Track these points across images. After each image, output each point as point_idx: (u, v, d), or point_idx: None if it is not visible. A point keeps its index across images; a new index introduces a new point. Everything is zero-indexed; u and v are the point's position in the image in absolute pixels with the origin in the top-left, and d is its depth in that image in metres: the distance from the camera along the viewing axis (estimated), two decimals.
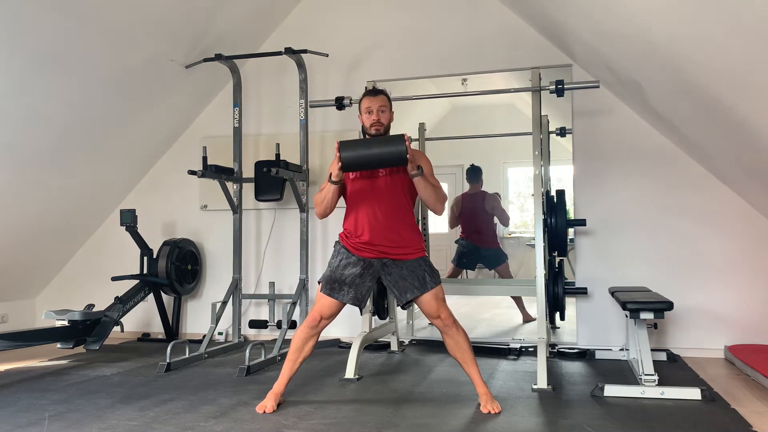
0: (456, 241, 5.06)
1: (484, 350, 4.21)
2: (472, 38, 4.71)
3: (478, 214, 4.97)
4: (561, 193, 4.20)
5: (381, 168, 2.91)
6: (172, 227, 5.32)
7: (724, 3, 2.29)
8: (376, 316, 4.34)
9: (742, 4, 2.21)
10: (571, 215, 4.42)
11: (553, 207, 4.10)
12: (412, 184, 2.92)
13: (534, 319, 4.85)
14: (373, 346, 4.44)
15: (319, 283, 3.02)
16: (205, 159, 4.39)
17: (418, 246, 3.00)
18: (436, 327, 2.97)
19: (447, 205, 3.11)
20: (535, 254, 3.77)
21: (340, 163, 2.78)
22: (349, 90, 4.74)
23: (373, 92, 3.07)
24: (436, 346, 4.51)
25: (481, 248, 5.10)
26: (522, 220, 5.02)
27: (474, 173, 4.96)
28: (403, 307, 3.07)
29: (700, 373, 3.66)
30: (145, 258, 4.88)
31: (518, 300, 5.19)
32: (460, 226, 5.14)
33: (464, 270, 5.21)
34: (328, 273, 3.00)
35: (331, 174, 2.88)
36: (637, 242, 4.36)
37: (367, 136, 3.04)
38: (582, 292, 4.29)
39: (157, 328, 5.15)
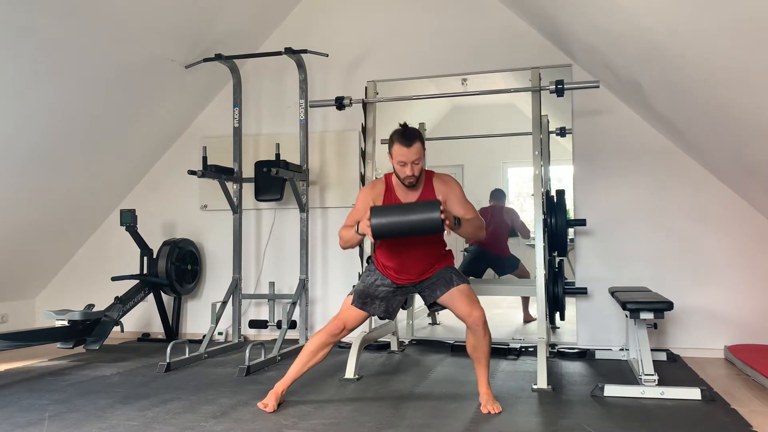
0: (466, 249, 5.05)
1: None
2: (472, 38, 4.71)
3: (495, 224, 4.98)
4: (561, 193, 4.19)
5: (414, 236, 2.80)
6: (172, 227, 5.32)
7: (724, 2, 2.29)
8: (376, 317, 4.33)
9: (741, 3, 2.21)
10: (571, 215, 4.42)
11: (553, 207, 4.10)
12: None
13: (534, 319, 4.85)
14: (373, 346, 4.43)
15: (349, 295, 3.05)
16: (205, 159, 4.39)
17: (449, 261, 3.07)
18: (466, 324, 2.92)
19: None
20: (535, 254, 3.78)
21: (370, 230, 2.70)
22: (349, 90, 4.74)
23: (407, 140, 2.80)
24: (436, 346, 4.51)
25: (492, 255, 5.08)
26: (522, 220, 5.02)
27: (499, 193, 5.02)
28: (430, 308, 3.08)
29: (700, 373, 3.66)
30: (145, 258, 4.88)
31: (525, 300, 5.18)
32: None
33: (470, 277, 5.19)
34: (362, 287, 3.02)
35: (359, 224, 2.82)
36: (637, 242, 4.36)
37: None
38: (582, 292, 4.29)
39: (157, 328, 5.14)
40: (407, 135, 2.83)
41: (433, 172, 3.03)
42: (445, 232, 2.71)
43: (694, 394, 3.06)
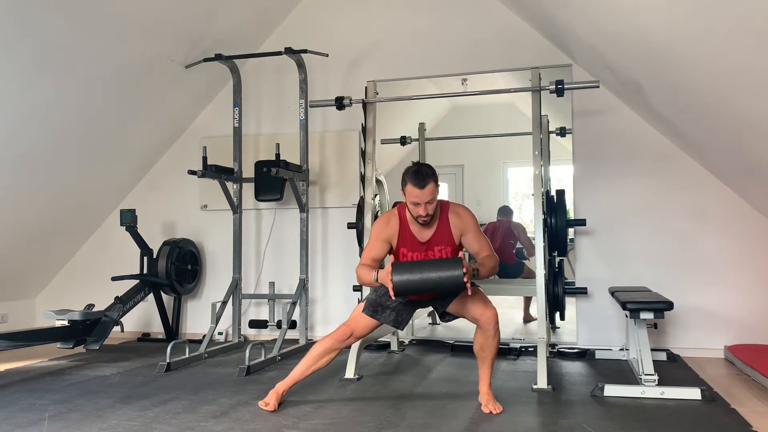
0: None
1: None
2: (473, 38, 4.71)
3: (500, 236, 4.97)
4: (561, 193, 4.19)
5: (435, 293, 2.82)
6: (172, 227, 5.32)
7: (724, 2, 2.29)
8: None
9: (741, 3, 2.21)
10: (571, 215, 4.42)
11: (553, 207, 4.10)
12: (461, 248, 2.92)
13: (534, 319, 4.85)
14: (373, 346, 4.43)
15: (360, 302, 3.06)
16: (205, 159, 4.39)
17: None
18: (478, 324, 2.90)
19: None
20: (535, 254, 3.78)
21: (392, 291, 2.69)
22: (349, 90, 4.74)
23: (420, 181, 2.76)
24: (436, 346, 4.51)
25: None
26: (522, 220, 5.02)
27: (506, 210, 5.04)
28: (442, 318, 3.08)
29: (700, 373, 3.66)
30: (145, 258, 4.88)
31: (527, 300, 5.18)
32: None
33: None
34: (374, 297, 3.02)
35: (378, 272, 2.80)
36: (637, 242, 4.36)
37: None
38: (582, 292, 4.29)
39: (157, 328, 5.14)
40: (420, 175, 2.77)
41: (448, 205, 2.98)
42: (467, 288, 2.68)
43: (694, 394, 3.06)
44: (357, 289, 4.46)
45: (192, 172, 4.33)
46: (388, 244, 2.93)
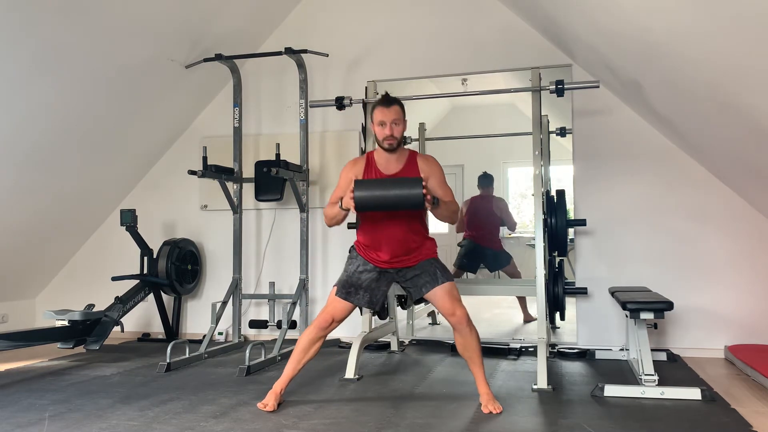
0: (459, 243, 5.04)
1: (484, 350, 4.16)
2: (472, 38, 4.71)
3: (484, 216, 4.96)
4: (561, 193, 4.19)
5: (396, 210, 2.85)
6: (172, 227, 5.32)
7: (724, 2, 2.29)
8: (377, 317, 4.33)
9: (741, 2, 2.21)
10: (571, 215, 4.43)
11: (553, 207, 4.10)
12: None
13: (534, 319, 4.85)
14: (373, 346, 4.44)
15: (334, 286, 3.06)
16: (205, 159, 4.39)
17: (431, 250, 3.06)
18: (450, 324, 2.96)
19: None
20: (535, 254, 3.78)
21: (353, 202, 2.75)
22: (349, 90, 4.74)
23: (386, 103, 2.94)
24: (436, 346, 4.51)
25: (485, 248, 5.08)
26: (522, 220, 5.02)
27: (486, 179, 4.99)
28: (416, 303, 3.11)
29: (700, 373, 3.66)
30: (145, 258, 4.88)
31: (522, 300, 5.18)
32: (465, 227, 5.10)
33: (465, 273, 5.18)
34: (344, 278, 3.03)
35: (342, 199, 2.86)
36: (637, 242, 4.36)
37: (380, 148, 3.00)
38: (582, 292, 4.29)
39: (157, 328, 5.15)
40: (387, 99, 2.96)
41: (417, 153, 3.07)
42: (426, 206, 2.76)
43: (694, 394, 3.06)
44: None
45: (192, 172, 4.33)
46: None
